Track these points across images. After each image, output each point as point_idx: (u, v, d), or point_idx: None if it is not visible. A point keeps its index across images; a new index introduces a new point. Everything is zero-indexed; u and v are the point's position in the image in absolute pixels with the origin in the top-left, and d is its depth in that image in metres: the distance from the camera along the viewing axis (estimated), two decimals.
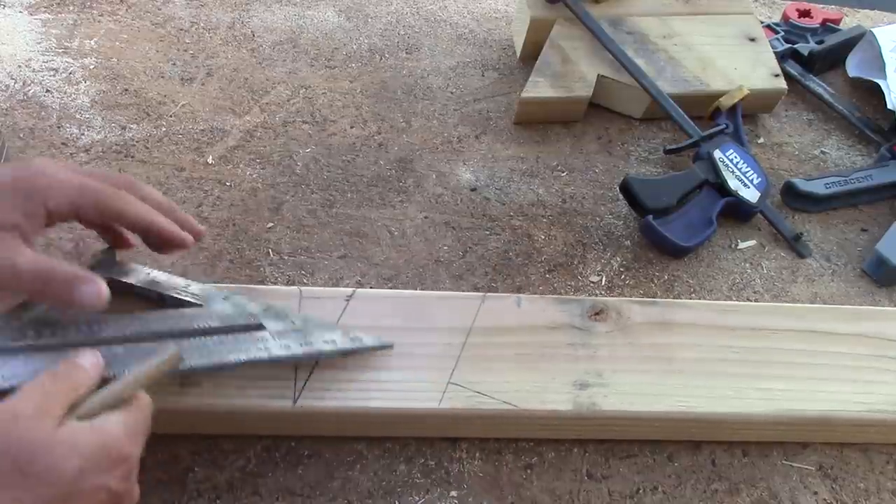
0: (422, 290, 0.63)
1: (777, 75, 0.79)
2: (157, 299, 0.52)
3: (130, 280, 0.52)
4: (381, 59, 0.84)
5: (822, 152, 0.79)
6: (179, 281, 0.53)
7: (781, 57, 0.85)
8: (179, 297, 0.52)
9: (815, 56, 0.85)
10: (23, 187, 0.44)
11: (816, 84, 0.84)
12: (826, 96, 0.83)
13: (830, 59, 0.87)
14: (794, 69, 0.85)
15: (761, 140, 0.80)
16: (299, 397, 0.49)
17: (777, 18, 0.92)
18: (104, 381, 0.43)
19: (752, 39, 0.82)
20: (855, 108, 0.82)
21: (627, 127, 0.79)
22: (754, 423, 0.53)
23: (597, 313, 0.56)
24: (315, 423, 0.51)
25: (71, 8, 0.85)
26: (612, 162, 0.76)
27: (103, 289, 0.45)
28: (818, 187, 0.72)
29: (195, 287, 0.52)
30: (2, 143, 0.66)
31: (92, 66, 0.78)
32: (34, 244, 0.45)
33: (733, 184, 0.69)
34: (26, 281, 0.44)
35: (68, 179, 0.45)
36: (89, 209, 0.46)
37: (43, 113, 0.73)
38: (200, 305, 0.51)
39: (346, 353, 0.51)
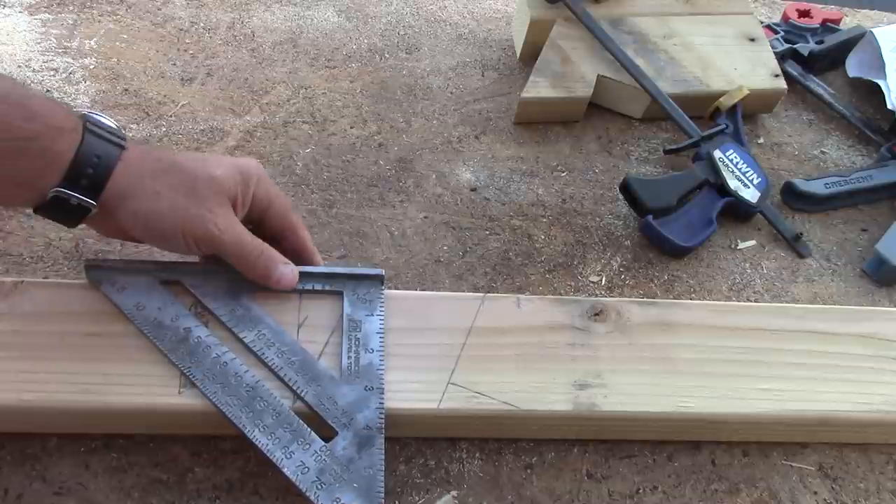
0: (422, 290, 0.63)
1: (777, 75, 0.79)
2: None
3: None
4: (381, 59, 0.84)
5: (822, 152, 0.79)
6: None
7: (781, 57, 0.85)
8: None
9: (815, 56, 0.85)
10: (243, 168, 0.51)
11: (816, 84, 0.84)
12: (826, 96, 0.83)
13: (830, 59, 0.87)
14: (794, 69, 0.85)
15: (761, 140, 0.80)
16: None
17: (777, 18, 0.92)
18: None
19: (752, 39, 0.82)
20: (855, 108, 0.82)
21: (627, 127, 0.79)
22: (754, 423, 0.53)
23: (596, 314, 0.56)
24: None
25: (71, 8, 0.85)
26: (612, 162, 0.76)
27: (297, 274, 0.52)
28: (818, 187, 0.72)
29: None
30: None
31: (92, 66, 0.78)
32: None
33: (733, 184, 0.69)
34: (245, 253, 0.50)
35: (271, 180, 0.53)
36: (276, 212, 0.53)
37: None
38: None
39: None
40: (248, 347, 0.50)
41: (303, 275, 0.54)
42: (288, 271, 0.52)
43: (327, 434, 0.47)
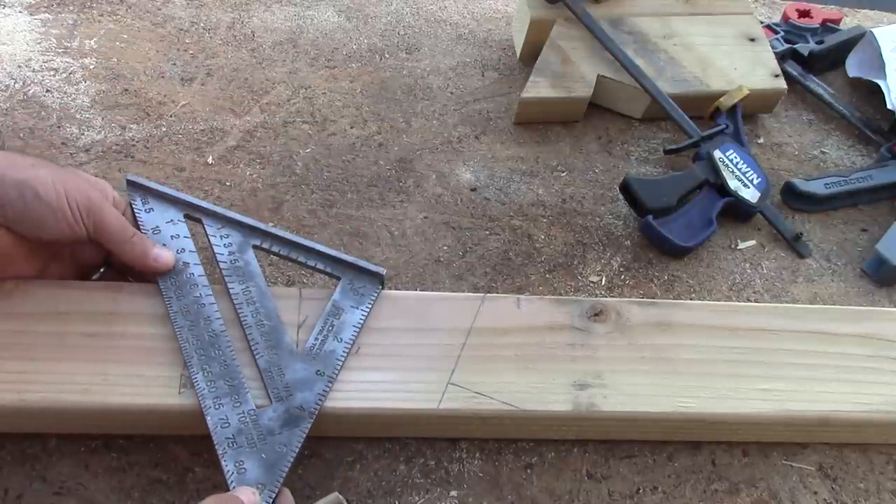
0: (422, 290, 0.63)
1: (777, 75, 0.79)
2: None
3: None
4: (381, 59, 0.84)
5: (822, 152, 0.79)
6: None
7: (781, 57, 0.85)
8: None
9: (815, 56, 0.85)
10: (88, 178, 0.51)
11: (816, 84, 0.84)
12: (826, 96, 0.83)
13: (830, 59, 0.87)
14: (794, 69, 0.85)
15: (761, 140, 0.80)
16: None
17: (777, 18, 0.92)
18: None
19: (752, 39, 0.82)
20: (855, 108, 0.82)
21: (627, 127, 0.79)
22: (754, 423, 0.53)
23: (596, 314, 0.56)
24: (315, 424, 0.51)
25: (71, 8, 0.85)
26: (612, 162, 0.76)
27: (172, 256, 0.53)
28: (818, 187, 0.72)
29: None
30: (2, 143, 0.67)
31: (92, 66, 0.78)
32: None
33: (733, 184, 0.69)
34: (126, 230, 0.51)
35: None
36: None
37: (43, 113, 0.73)
38: None
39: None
40: (230, 298, 0.52)
41: (308, 252, 0.55)
42: (164, 251, 0.52)
43: (265, 402, 0.49)
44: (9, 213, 0.47)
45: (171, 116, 0.74)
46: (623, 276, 0.66)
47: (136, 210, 0.55)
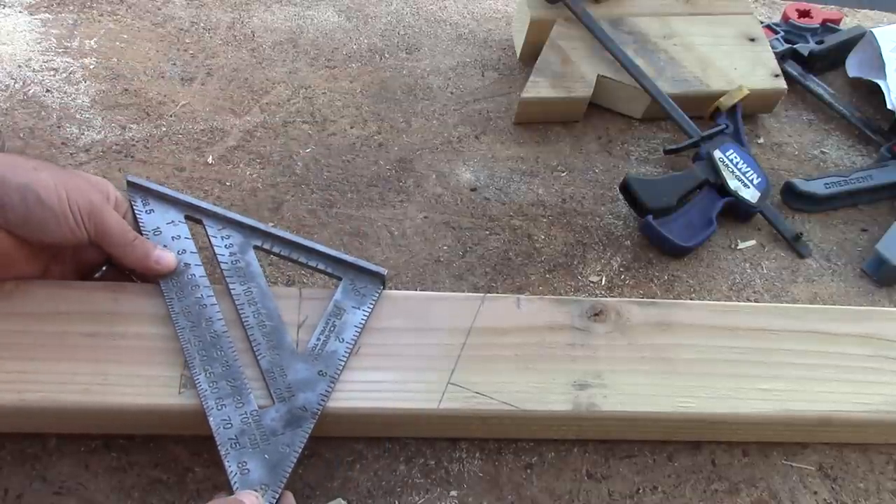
0: (422, 290, 0.63)
1: (777, 75, 0.79)
2: None
3: None
4: (381, 59, 0.84)
5: (822, 152, 0.79)
6: None
7: (781, 57, 0.85)
8: None
9: (815, 56, 0.85)
10: (90, 179, 0.51)
11: (816, 84, 0.84)
12: (826, 96, 0.83)
13: (830, 59, 0.87)
14: (794, 69, 0.85)
15: (761, 140, 0.80)
16: None
17: (777, 18, 0.92)
18: None
19: (752, 39, 0.82)
20: (855, 108, 0.82)
21: (627, 127, 0.79)
22: (754, 423, 0.53)
23: (596, 314, 0.56)
24: (315, 424, 0.51)
25: (71, 8, 0.85)
26: (612, 162, 0.76)
27: (174, 259, 0.52)
28: (818, 187, 0.72)
29: None
30: (2, 143, 0.67)
31: (92, 66, 0.78)
32: None
33: (733, 184, 0.69)
34: (127, 233, 0.51)
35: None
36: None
37: (43, 113, 0.73)
38: None
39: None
40: (232, 299, 0.52)
41: (309, 252, 0.55)
42: (166, 253, 0.52)
43: (267, 402, 0.49)
44: (10, 216, 0.47)
45: (171, 116, 0.74)
46: (623, 276, 0.66)
47: (136, 211, 0.54)
